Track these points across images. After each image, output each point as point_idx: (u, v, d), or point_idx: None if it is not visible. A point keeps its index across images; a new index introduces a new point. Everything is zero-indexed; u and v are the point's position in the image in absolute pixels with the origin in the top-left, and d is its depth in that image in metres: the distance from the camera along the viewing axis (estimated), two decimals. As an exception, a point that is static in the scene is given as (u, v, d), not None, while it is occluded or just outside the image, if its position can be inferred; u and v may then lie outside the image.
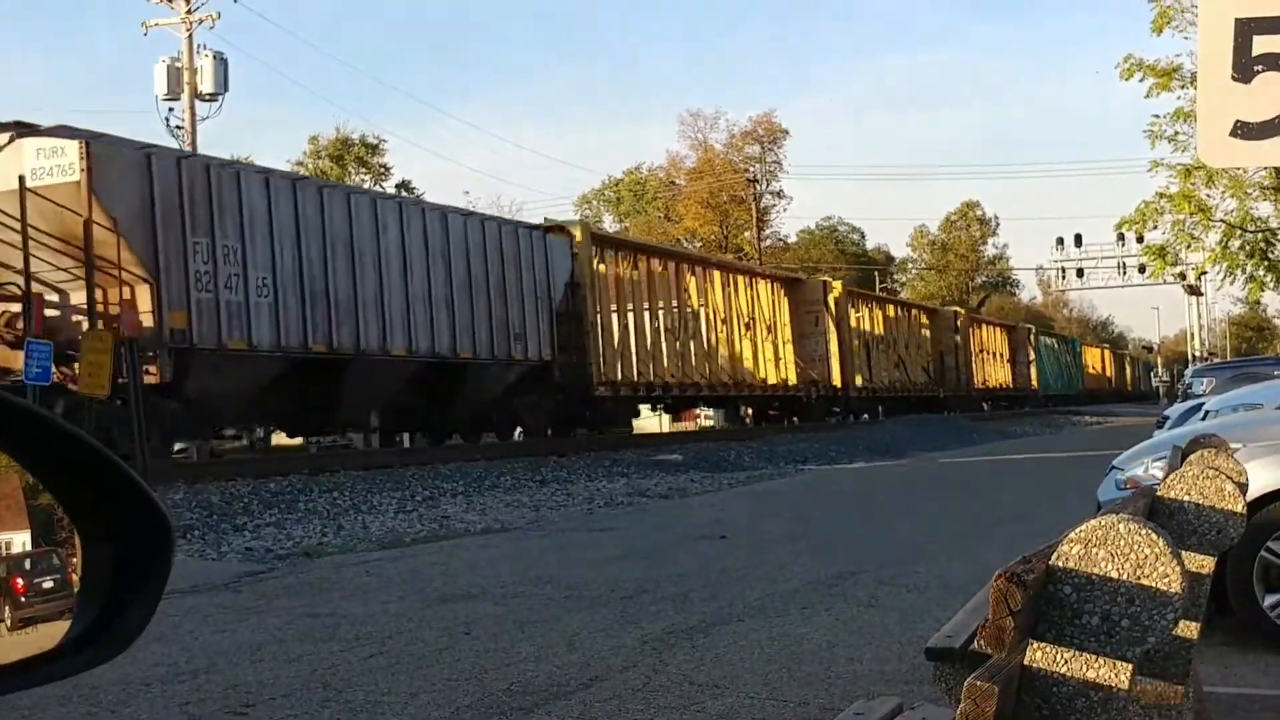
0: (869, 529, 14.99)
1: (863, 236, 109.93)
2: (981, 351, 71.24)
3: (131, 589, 1.59)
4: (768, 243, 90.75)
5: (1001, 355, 74.93)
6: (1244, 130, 4.12)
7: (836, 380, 47.89)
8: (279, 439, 36.74)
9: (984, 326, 74.83)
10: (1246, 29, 4.12)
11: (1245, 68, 4.12)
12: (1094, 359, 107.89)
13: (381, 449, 26.41)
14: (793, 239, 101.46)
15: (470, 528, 15.70)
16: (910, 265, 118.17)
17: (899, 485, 22.54)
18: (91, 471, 1.52)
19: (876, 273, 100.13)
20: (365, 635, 8.53)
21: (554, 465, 24.63)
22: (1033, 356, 77.48)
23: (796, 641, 7.97)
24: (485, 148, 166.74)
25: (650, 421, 49.43)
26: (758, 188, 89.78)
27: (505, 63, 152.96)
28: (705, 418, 53.10)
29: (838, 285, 52.33)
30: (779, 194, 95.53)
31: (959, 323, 67.14)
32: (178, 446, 32.42)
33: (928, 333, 63.13)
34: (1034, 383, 77.06)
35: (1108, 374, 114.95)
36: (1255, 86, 4.11)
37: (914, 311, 64.44)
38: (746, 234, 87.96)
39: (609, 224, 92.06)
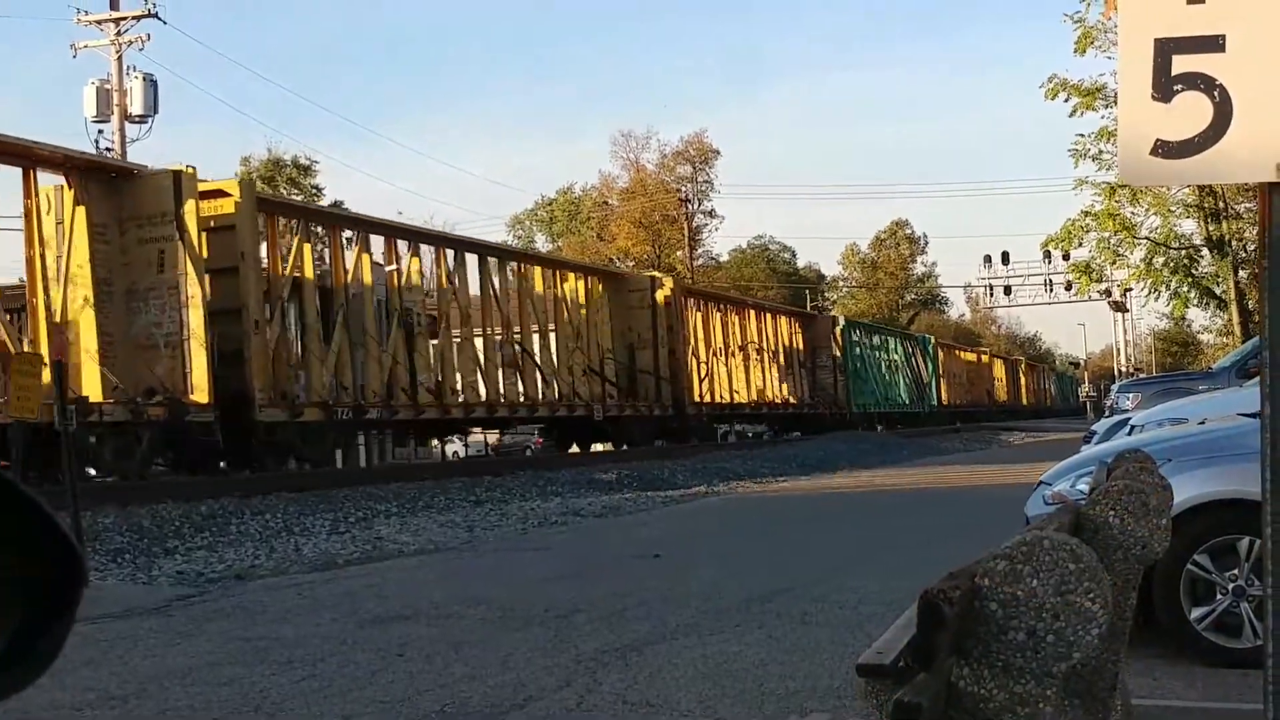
0: (802, 546, 15.04)
1: (794, 255, 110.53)
2: (730, 350, 47.62)
3: (43, 615, 1.58)
4: (700, 262, 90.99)
5: (785, 355, 53.16)
6: (1164, 149, 4.18)
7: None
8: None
9: (731, 310, 49.28)
10: (1166, 49, 4.18)
11: (1165, 87, 4.18)
12: (973, 368, 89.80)
13: (314, 471, 26.20)
14: (725, 258, 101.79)
15: (404, 549, 15.62)
16: (841, 283, 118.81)
17: (832, 502, 22.62)
18: None
19: (808, 291, 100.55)
20: (297, 658, 8.47)
21: (489, 485, 24.54)
22: (838, 356, 57.89)
23: (730, 659, 7.99)
24: (418, 168, 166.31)
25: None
26: (690, 207, 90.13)
27: (437, 84, 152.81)
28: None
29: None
30: (711, 213, 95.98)
31: (659, 296, 41.06)
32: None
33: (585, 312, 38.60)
34: (840, 396, 57.72)
35: (1018, 387, 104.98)
36: (1175, 106, 4.17)
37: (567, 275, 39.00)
38: (679, 253, 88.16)
39: (541, 244, 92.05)
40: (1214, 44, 4.14)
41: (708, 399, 44.90)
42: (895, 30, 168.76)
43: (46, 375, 15.01)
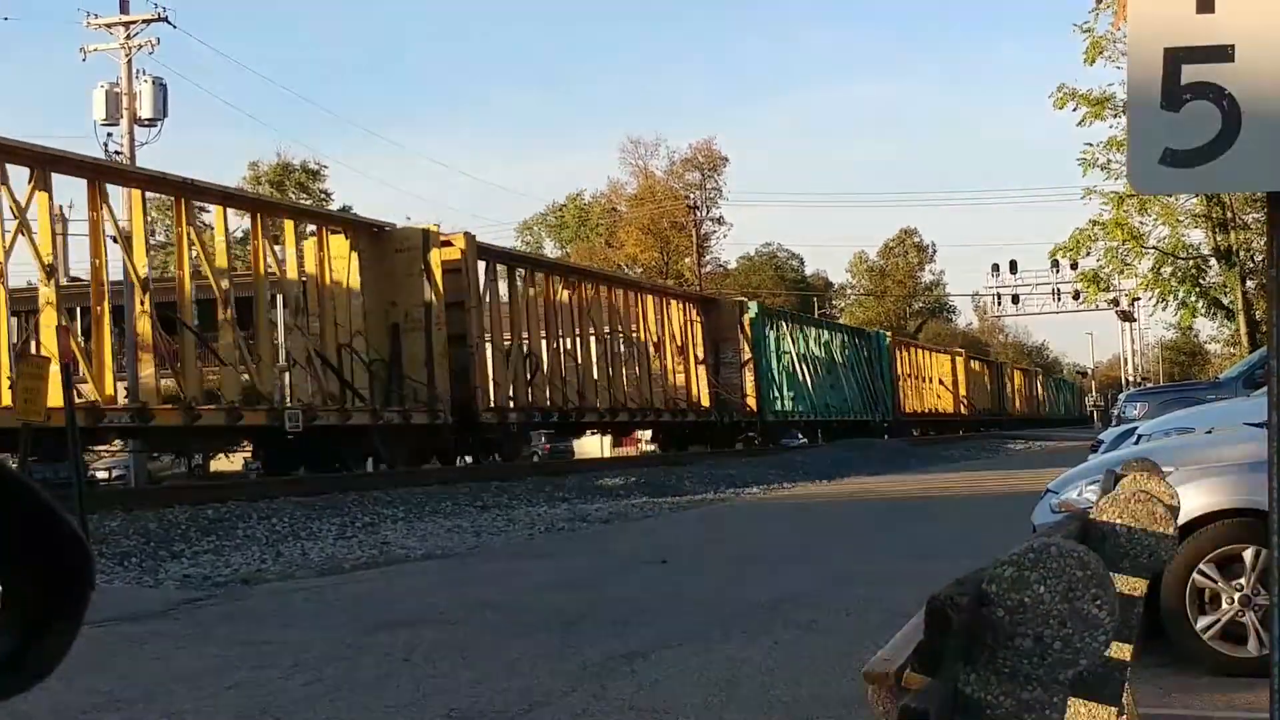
0: (808, 553, 15.03)
1: (802, 263, 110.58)
2: (579, 337, 38.00)
3: (51, 616, 1.58)
4: (708, 269, 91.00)
5: (675, 348, 44.77)
6: (1173, 158, 4.18)
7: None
8: (217, 464, 36.57)
9: (583, 285, 39.35)
10: (1175, 58, 4.19)
11: (1174, 96, 4.19)
12: (943, 371, 77.16)
13: (321, 475, 26.22)
14: (733, 265, 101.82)
15: (410, 553, 15.62)
16: (849, 291, 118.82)
17: (839, 509, 22.60)
18: (5, 497, 1.52)
19: (815, 298, 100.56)
20: (303, 663, 8.48)
21: (495, 490, 24.55)
22: (747, 355, 47.68)
23: (736, 666, 7.99)
24: (426, 173, 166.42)
25: (590, 444, 49.44)
26: (698, 214, 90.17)
27: (448, 90, 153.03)
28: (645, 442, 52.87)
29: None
30: (719, 220, 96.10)
31: (435, 258, 30.99)
32: (115, 472, 32.22)
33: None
34: (750, 400, 47.74)
35: (1005, 394, 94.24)
36: (1184, 115, 4.17)
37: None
38: (687, 260, 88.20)
39: (550, 249, 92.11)
40: (1223, 53, 4.15)
41: (521, 403, 34.58)
42: (905, 40, 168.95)
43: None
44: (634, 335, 41.99)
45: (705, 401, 45.70)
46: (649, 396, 42.05)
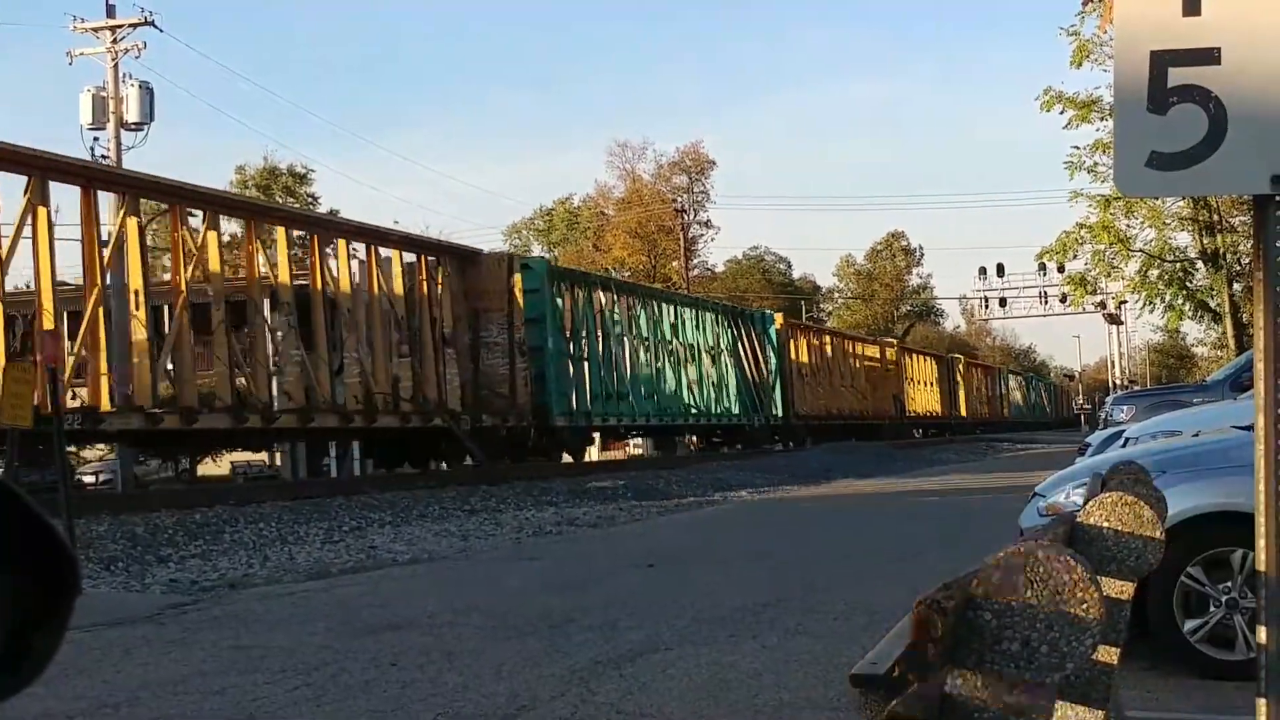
0: (796, 556, 15.03)
1: (789, 266, 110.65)
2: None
3: (36, 622, 1.57)
4: (695, 272, 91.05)
5: (393, 321, 31.73)
6: (1160, 161, 4.19)
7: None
8: (204, 469, 36.56)
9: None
10: (1162, 61, 4.20)
11: (1161, 99, 4.20)
12: (875, 367, 66.87)
13: (309, 479, 26.20)
14: (720, 269, 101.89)
15: (398, 558, 15.60)
16: (836, 295, 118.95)
17: (826, 511, 22.62)
18: None
19: (803, 302, 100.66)
20: (291, 667, 8.46)
21: (483, 494, 24.54)
22: (520, 333, 34.19)
23: (724, 669, 7.98)
24: (414, 177, 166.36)
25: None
26: (685, 218, 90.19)
27: (434, 94, 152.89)
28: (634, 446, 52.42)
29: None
30: (706, 224, 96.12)
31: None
32: (102, 476, 32.19)
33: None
34: (525, 398, 34.68)
35: (952, 394, 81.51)
36: (1171, 118, 4.18)
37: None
38: (674, 264, 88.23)
39: (538, 252, 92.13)
40: (1209, 56, 4.16)
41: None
42: (892, 43, 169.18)
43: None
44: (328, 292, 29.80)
45: (456, 400, 32.70)
46: (330, 390, 29.18)
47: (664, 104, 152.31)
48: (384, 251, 31.94)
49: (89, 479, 34.19)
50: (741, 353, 49.78)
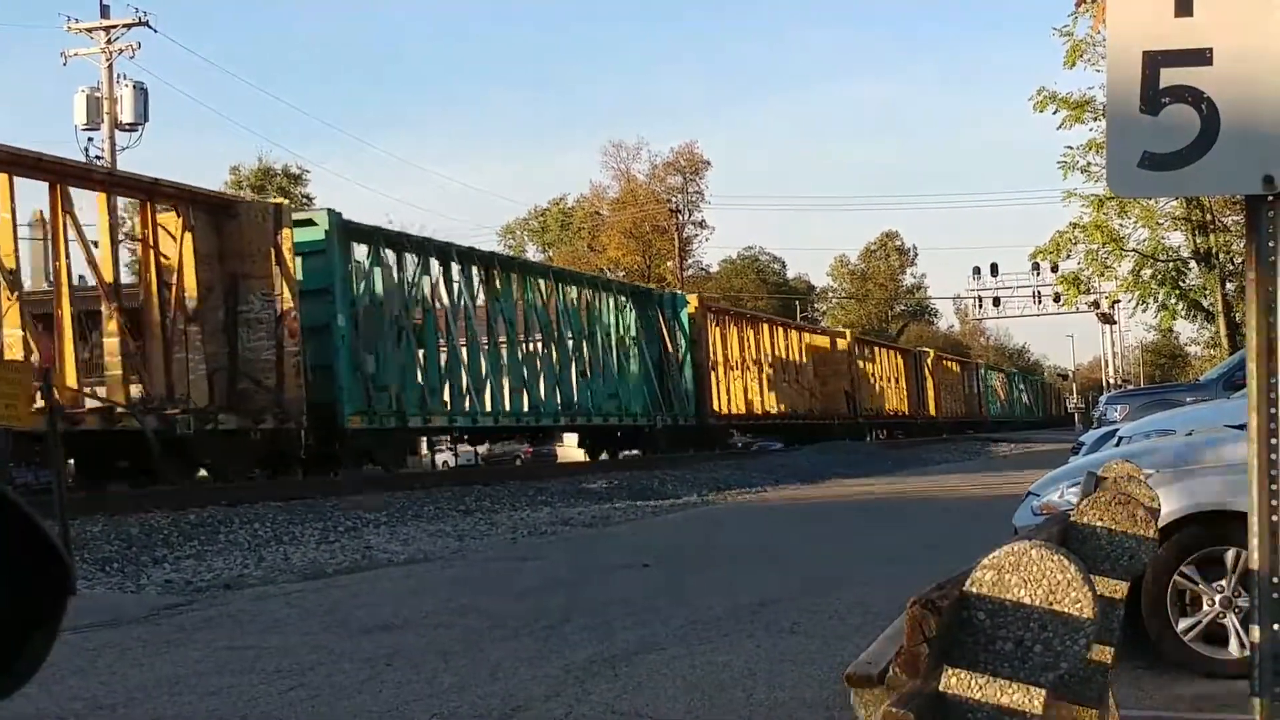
0: (790, 556, 15.04)
1: (784, 266, 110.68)
2: None
3: (29, 623, 1.58)
4: (690, 272, 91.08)
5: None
6: (1152, 161, 4.20)
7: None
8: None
9: None
10: (1154, 62, 4.21)
11: (1153, 100, 4.21)
12: (823, 358, 58.51)
13: (304, 479, 26.15)
14: (715, 268, 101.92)
15: (393, 558, 15.60)
16: (830, 294, 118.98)
17: (822, 512, 22.62)
18: None
19: (797, 302, 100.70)
20: (285, 668, 8.46)
21: (478, 494, 24.53)
22: (289, 306, 25.42)
23: (719, 669, 7.99)
24: (410, 177, 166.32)
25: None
26: (680, 218, 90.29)
27: (430, 94, 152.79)
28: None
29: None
30: (701, 224, 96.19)
31: None
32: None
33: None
34: (294, 391, 25.40)
35: (920, 391, 73.12)
36: (1163, 118, 4.19)
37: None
38: (669, 263, 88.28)
39: (532, 253, 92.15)
40: (1201, 57, 4.17)
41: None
42: (885, 44, 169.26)
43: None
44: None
45: (202, 394, 24.24)
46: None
47: (661, 105, 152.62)
48: (86, 195, 23.24)
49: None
50: (646, 341, 42.39)
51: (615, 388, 40.01)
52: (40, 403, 16.89)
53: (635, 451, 41.85)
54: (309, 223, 27.46)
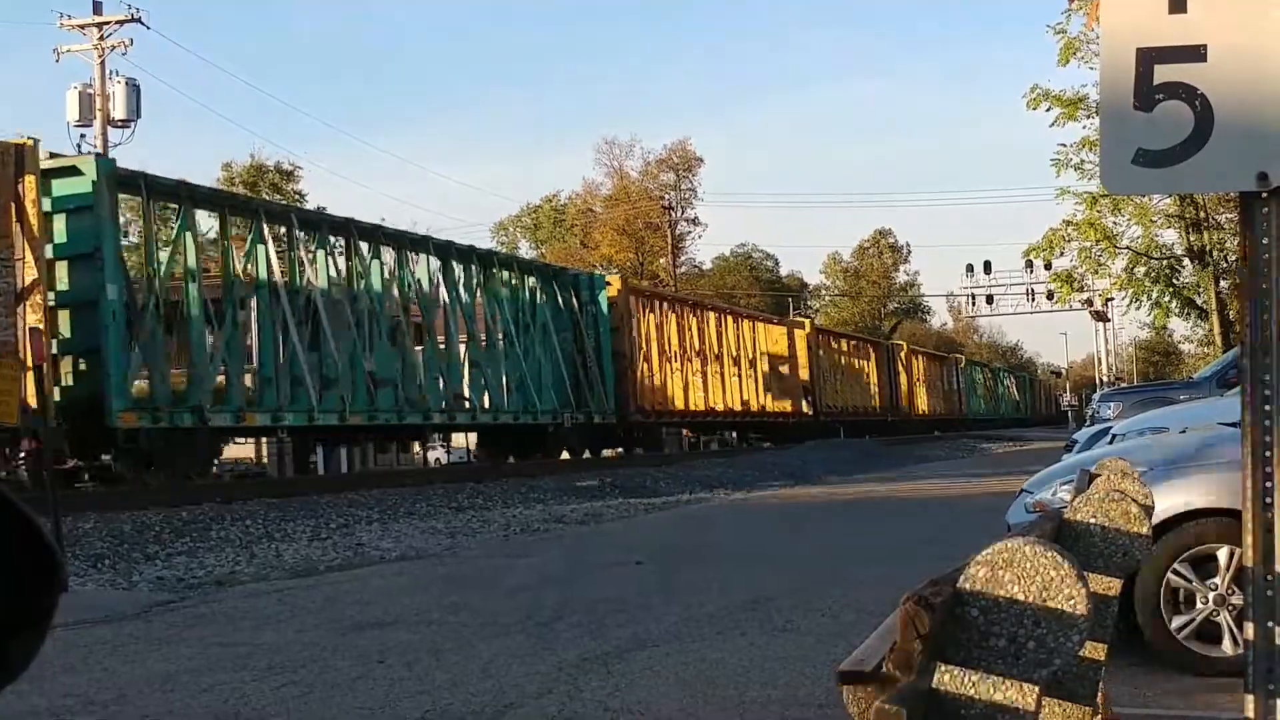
0: (783, 554, 15.04)
1: (777, 263, 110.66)
2: None
3: (19, 619, 1.57)
4: (683, 269, 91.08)
5: None
6: (1146, 158, 4.19)
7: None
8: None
9: None
10: (1148, 58, 4.20)
11: (1147, 97, 4.20)
12: (776, 352, 53.58)
13: (295, 477, 26.11)
14: (708, 265, 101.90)
15: (385, 555, 15.58)
16: (824, 292, 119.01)
17: (813, 509, 22.63)
18: None
19: (790, 299, 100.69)
20: (277, 665, 8.45)
21: (471, 492, 24.52)
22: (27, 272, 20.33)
23: (712, 666, 7.98)
24: (405, 175, 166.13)
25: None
26: (673, 215, 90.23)
27: (423, 92, 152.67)
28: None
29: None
30: (694, 221, 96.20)
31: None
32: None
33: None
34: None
35: (893, 388, 68.44)
36: (1157, 115, 4.18)
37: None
38: (662, 260, 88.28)
39: (525, 249, 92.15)
40: (1195, 54, 4.16)
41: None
42: (880, 42, 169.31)
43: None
44: None
45: None
46: None
47: (655, 103, 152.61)
48: None
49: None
50: (559, 329, 37.31)
51: (519, 381, 34.70)
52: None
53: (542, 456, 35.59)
54: (73, 171, 22.26)
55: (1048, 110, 37.93)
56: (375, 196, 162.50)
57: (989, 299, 79.34)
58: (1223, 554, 7.29)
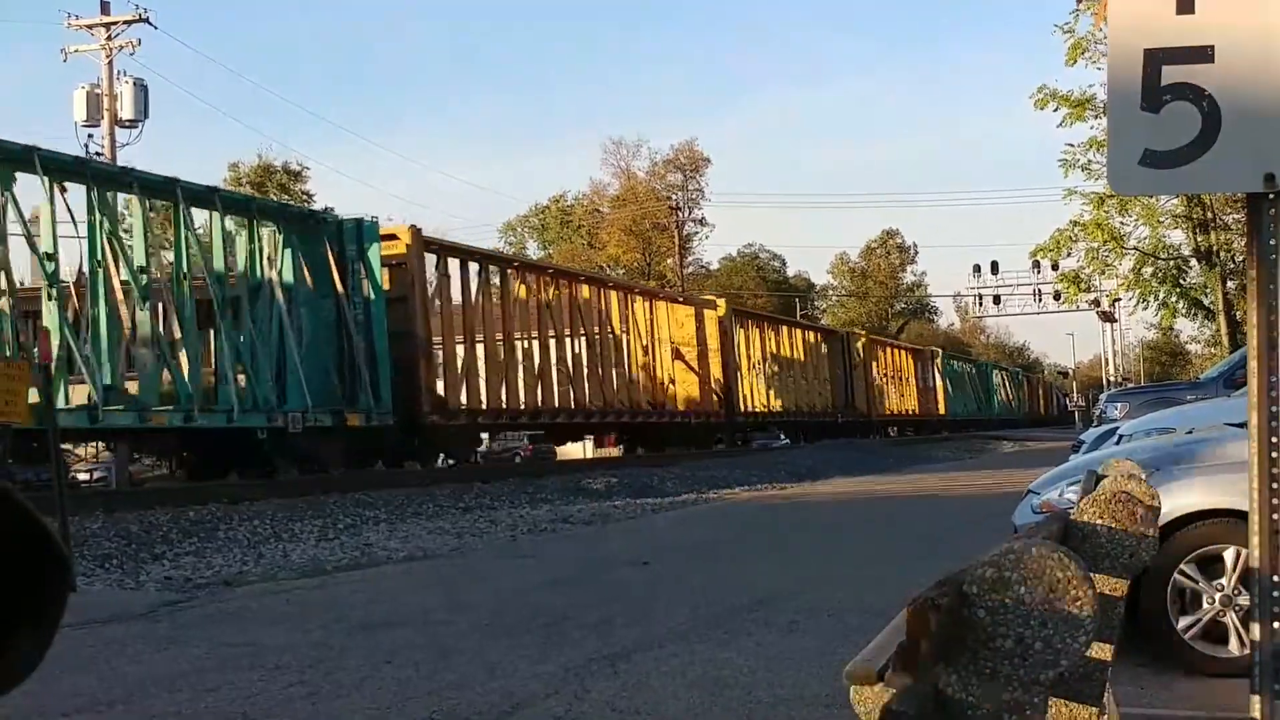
0: (790, 554, 15.04)
1: (784, 264, 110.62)
2: None
3: (28, 619, 1.57)
4: (690, 269, 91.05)
5: None
6: (1153, 159, 4.19)
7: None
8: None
9: None
10: (1155, 59, 4.20)
11: (1154, 97, 4.20)
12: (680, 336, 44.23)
13: (302, 477, 26.11)
14: (715, 266, 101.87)
15: (392, 555, 15.59)
16: (830, 292, 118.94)
17: (819, 509, 22.61)
18: None
19: (797, 300, 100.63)
20: (285, 665, 8.45)
21: (478, 492, 24.52)
22: None
23: (718, 667, 7.98)
24: (408, 175, 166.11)
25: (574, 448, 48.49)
26: (680, 215, 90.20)
27: (430, 93, 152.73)
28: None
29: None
30: (701, 221, 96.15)
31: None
32: (97, 474, 31.88)
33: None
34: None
35: (873, 385, 63.70)
36: (1164, 116, 4.18)
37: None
38: (669, 261, 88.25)
39: (533, 250, 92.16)
40: (1203, 54, 4.16)
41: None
42: (887, 42, 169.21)
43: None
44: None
45: None
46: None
47: (655, 104, 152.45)
48: None
49: (83, 476, 33.74)
50: (319, 296, 27.26)
51: (250, 369, 25.22)
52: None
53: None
54: None
55: (1055, 110, 37.91)
56: (383, 196, 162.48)
57: (996, 299, 79.19)
58: (1229, 555, 7.28)
